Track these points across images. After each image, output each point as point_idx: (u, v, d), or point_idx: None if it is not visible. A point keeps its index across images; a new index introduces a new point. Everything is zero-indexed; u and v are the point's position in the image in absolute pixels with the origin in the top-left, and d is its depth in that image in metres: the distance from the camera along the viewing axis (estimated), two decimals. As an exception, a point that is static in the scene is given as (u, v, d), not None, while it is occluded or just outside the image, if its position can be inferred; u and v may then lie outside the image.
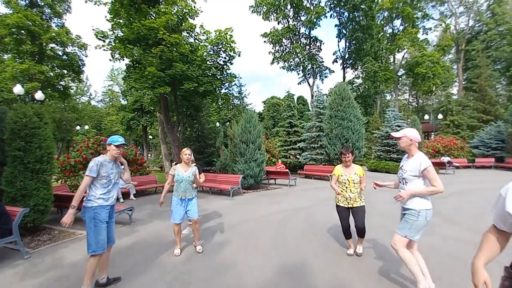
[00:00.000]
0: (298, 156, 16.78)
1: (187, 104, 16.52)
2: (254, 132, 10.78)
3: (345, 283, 3.03)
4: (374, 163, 16.64)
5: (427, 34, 32.59)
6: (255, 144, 10.71)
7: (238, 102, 31.66)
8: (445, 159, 15.50)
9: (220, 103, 24.24)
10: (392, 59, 33.04)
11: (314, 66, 33.06)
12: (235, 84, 29.21)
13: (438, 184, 2.51)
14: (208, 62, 13.66)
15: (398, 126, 16.96)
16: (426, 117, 28.68)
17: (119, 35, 12.19)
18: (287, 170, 11.99)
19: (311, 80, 33.61)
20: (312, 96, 29.79)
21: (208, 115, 25.09)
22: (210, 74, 13.32)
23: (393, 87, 33.88)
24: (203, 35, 13.65)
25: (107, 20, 12.13)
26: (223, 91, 15.67)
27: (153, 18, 11.65)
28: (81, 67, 21.49)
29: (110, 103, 45.46)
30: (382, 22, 31.60)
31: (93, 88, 72.26)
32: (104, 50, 12.42)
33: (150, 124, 28.53)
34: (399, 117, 18.29)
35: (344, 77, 34.38)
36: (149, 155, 32.87)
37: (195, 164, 4.52)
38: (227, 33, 13.11)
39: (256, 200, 8.64)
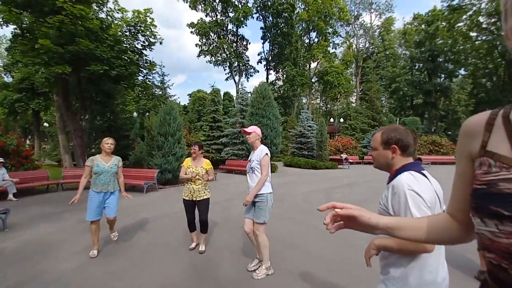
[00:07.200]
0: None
1: (95, 89, 14.29)
2: (174, 125, 10.30)
3: (248, 274, 3.20)
4: (289, 159, 18.35)
5: (335, 49, 37.85)
6: (174, 138, 10.25)
7: (160, 92, 29.46)
8: (343, 156, 18.47)
9: (137, 91, 21.96)
10: (308, 67, 36.91)
11: (240, 64, 33.81)
12: (157, 72, 27.09)
13: (264, 172, 2.84)
14: (124, 44, 12.16)
15: (310, 126, 19.16)
16: (332, 120, 33.32)
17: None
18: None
19: (237, 78, 34.29)
20: (237, 92, 30.44)
21: (124, 103, 22.33)
22: (126, 58, 11.90)
23: (308, 92, 37.97)
24: (118, 13, 12.09)
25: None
26: (140, 78, 14.24)
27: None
28: None
29: (-14, 79, 35.25)
30: (301, 32, 34.89)
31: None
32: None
33: (44, 109, 23.41)
34: (310, 119, 20.68)
35: (267, 78, 36.41)
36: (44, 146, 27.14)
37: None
38: (146, 14, 11.97)
39: (173, 195, 8.29)
